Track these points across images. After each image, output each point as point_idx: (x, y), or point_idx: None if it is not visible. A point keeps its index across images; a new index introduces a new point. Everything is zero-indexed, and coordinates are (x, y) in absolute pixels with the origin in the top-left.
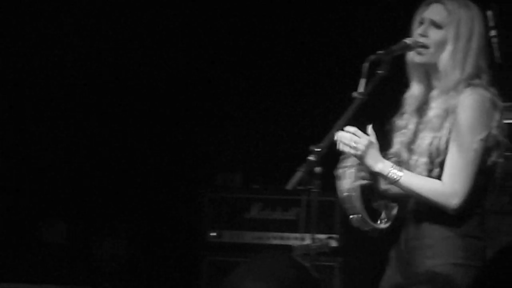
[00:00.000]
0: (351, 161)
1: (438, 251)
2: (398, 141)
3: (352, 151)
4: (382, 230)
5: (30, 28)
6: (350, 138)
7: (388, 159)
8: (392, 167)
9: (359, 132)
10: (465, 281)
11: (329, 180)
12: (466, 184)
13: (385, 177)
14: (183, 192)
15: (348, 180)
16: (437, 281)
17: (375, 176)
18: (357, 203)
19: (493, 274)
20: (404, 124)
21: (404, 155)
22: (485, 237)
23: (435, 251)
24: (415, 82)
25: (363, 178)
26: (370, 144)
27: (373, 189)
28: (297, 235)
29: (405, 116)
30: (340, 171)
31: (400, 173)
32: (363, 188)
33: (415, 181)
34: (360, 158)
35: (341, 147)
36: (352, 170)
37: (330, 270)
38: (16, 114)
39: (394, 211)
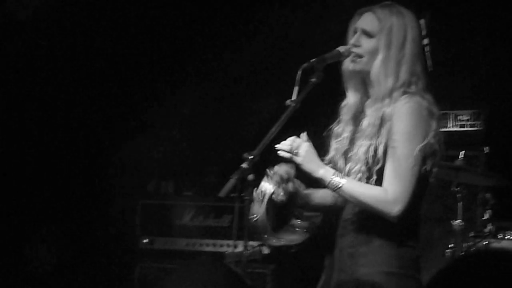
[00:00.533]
0: (267, 185)
1: (372, 259)
2: (335, 148)
3: (292, 157)
4: (304, 242)
5: None
6: (290, 145)
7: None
8: (334, 174)
9: (297, 139)
10: None
11: None
12: (406, 192)
13: (327, 184)
14: (116, 199)
15: (259, 204)
16: (366, 284)
17: (293, 194)
18: (269, 224)
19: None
20: (341, 131)
21: (340, 162)
22: (418, 246)
23: (369, 260)
24: (351, 90)
25: (279, 196)
26: (309, 149)
27: (290, 206)
28: (230, 242)
29: (342, 123)
30: (254, 194)
31: (342, 180)
32: (280, 204)
33: (357, 188)
34: (301, 164)
35: (281, 154)
36: (267, 191)
37: (262, 277)
38: None
39: (316, 223)
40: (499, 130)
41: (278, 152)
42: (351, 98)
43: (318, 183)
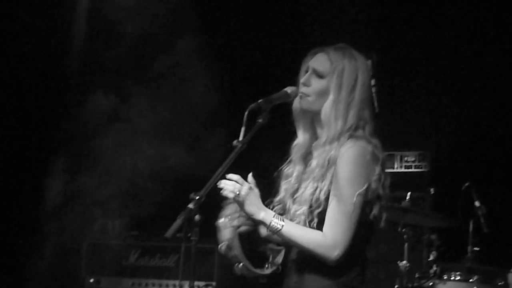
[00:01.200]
0: (231, 210)
1: None
2: (284, 189)
3: (235, 198)
4: (269, 275)
5: None
6: (233, 185)
7: (273, 206)
8: (274, 216)
9: (241, 180)
10: None
11: (209, 228)
12: (345, 237)
13: (267, 226)
14: (63, 238)
15: (227, 230)
16: None
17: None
18: (238, 252)
19: None
20: (291, 172)
21: (289, 202)
22: (364, 286)
23: None
24: (301, 130)
25: (244, 225)
26: (251, 191)
27: (256, 235)
28: (176, 282)
29: (292, 164)
30: (220, 222)
31: (281, 223)
32: (247, 235)
33: (296, 231)
34: (242, 206)
35: (224, 193)
36: (232, 219)
37: None
38: None
39: (281, 255)
40: (445, 171)
41: (222, 191)
42: (301, 137)
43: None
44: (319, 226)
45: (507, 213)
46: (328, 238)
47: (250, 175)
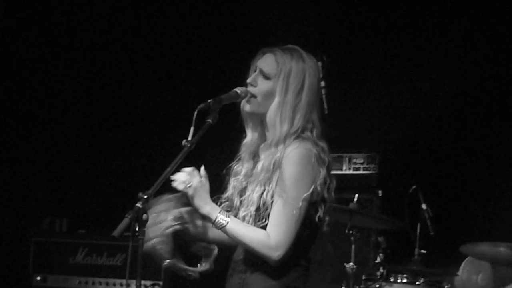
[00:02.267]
0: (161, 207)
1: None
2: (232, 186)
3: (185, 189)
4: (204, 272)
5: None
6: (185, 176)
7: (221, 202)
8: (220, 212)
9: (195, 172)
10: None
11: None
12: (288, 238)
13: (212, 221)
14: (8, 235)
15: (155, 228)
16: None
17: (193, 220)
18: (167, 249)
19: None
20: (239, 170)
21: (236, 200)
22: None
23: None
24: (250, 130)
25: (179, 223)
26: (201, 185)
27: (187, 235)
28: (123, 281)
29: (241, 162)
30: (149, 219)
31: (227, 219)
32: (179, 233)
33: (241, 229)
34: (191, 198)
35: (175, 184)
36: (162, 217)
37: None
38: None
39: (214, 253)
40: (392, 174)
41: (174, 181)
42: (249, 137)
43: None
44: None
45: (453, 216)
46: (271, 239)
47: (202, 168)
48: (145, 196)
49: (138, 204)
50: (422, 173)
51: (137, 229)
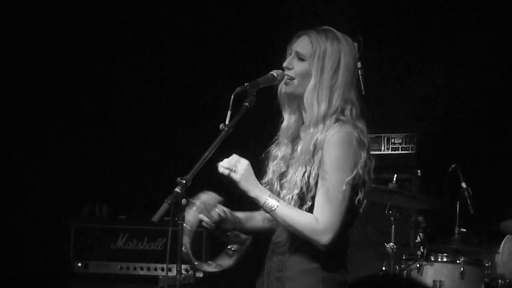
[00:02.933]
0: (188, 215)
1: (298, 283)
2: (272, 171)
3: (231, 174)
4: (233, 265)
5: None
6: (228, 162)
7: None
8: (269, 196)
9: (238, 157)
10: None
11: None
12: (336, 222)
13: (261, 205)
14: (50, 222)
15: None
16: None
17: (221, 220)
18: (192, 254)
19: None
20: (278, 154)
21: (276, 185)
22: (346, 270)
23: (295, 283)
24: (287, 113)
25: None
26: (247, 168)
27: (222, 230)
28: (164, 265)
29: (279, 146)
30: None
31: (276, 203)
32: (211, 230)
33: (290, 213)
34: (238, 182)
35: (220, 170)
36: (188, 223)
37: None
38: None
39: (247, 244)
40: (431, 153)
41: (218, 168)
42: (287, 120)
43: (253, 204)
44: (312, 209)
45: (493, 195)
46: (320, 223)
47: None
48: (184, 181)
49: (177, 189)
50: (461, 151)
51: (176, 214)
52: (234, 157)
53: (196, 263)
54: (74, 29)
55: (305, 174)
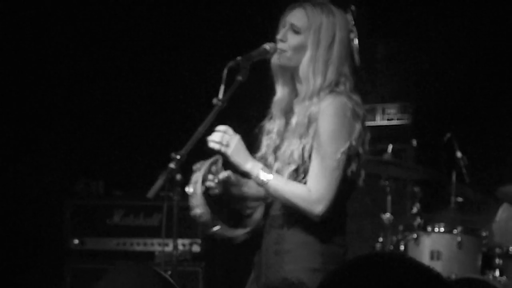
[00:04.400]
0: (198, 175)
1: (296, 256)
2: (266, 144)
3: (222, 149)
4: (246, 235)
5: None
6: (221, 136)
7: None
8: (262, 168)
9: (230, 131)
10: None
11: None
12: (329, 192)
13: (254, 178)
14: (44, 199)
15: (196, 197)
16: (294, 286)
17: (226, 182)
18: (208, 216)
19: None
20: (272, 128)
21: (271, 159)
22: (345, 242)
23: (293, 256)
24: (280, 86)
25: (214, 188)
26: (239, 142)
27: (229, 196)
28: (160, 240)
29: (273, 120)
30: (188, 189)
31: (269, 176)
32: (219, 196)
33: (283, 185)
34: (230, 156)
35: (211, 145)
36: (198, 184)
37: (194, 276)
38: None
39: (260, 211)
40: (427, 123)
41: (209, 143)
42: (280, 93)
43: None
44: (306, 184)
45: (488, 164)
46: (313, 194)
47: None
48: (178, 156)
49: (171, 165)
50: (456, 121)
51: (171, 189)
52: (226, 131)
53: (215, 229)
54: None
55: (299, 147)
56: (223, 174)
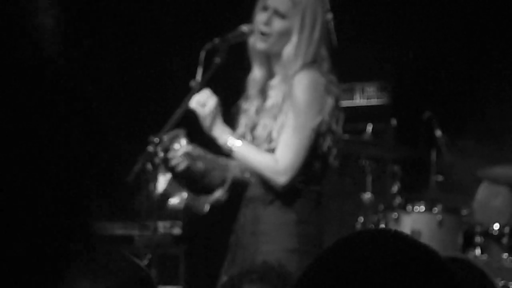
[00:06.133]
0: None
1: (272, 237)
2: (243, 123)
3: (199, 109)
4: (218, 201)
5: None
6: (201, 97)
7: None
8: (231, 135)
9: (210, 95)
10: (300, 266)
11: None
12: (295, 164)
13: (222, 144)
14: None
15: (161, 181)
16: (270, 267)
17: (190, 156)
18: (177, 192)
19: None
20: (248, 107)
21: (248, 137)
22: (320, 222)
23: (270, 237)
24: (256, 66)
25: (180, 165)
26: (215, 108)
27: (195, 170)
28: (140, 224)
29: (250, 99)
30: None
31: (237, 142)
32: (186, 172)
33: (250, 153)
34: (203, 119)
35: (193, 104)
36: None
37: (175, 259)
38: None
39: (229, 181)
40: (406, 102)
41: (190, 101)
42: (256, 73)
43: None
44: None
45: (468, 142)
46: (279, 163)
47: None
48: (157, 139)
49: (150, 148)
50: (436, 100)
51: (150, 172)
52: (209, 93)
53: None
54: None
55: (275, 125)
56: (187, 148)
